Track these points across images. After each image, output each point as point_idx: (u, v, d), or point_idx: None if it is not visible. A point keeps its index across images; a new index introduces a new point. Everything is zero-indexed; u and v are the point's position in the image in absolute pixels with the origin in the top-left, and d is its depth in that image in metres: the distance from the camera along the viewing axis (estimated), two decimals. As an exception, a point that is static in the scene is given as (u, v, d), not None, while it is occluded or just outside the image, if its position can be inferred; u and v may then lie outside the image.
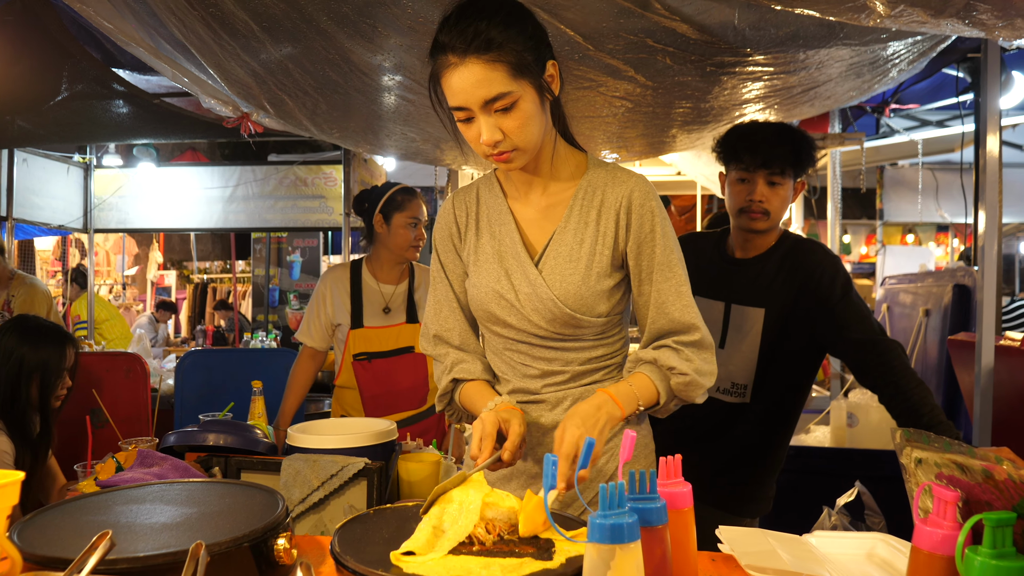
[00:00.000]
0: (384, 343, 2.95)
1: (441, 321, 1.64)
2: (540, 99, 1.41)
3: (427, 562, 1.07)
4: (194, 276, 12.05)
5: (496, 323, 1.55)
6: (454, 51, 1.33)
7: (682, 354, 1.48)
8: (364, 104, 2.99)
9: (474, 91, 1.34)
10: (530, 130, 1.39)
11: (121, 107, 3.90)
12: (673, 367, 1.47)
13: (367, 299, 2.98)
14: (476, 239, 1.60)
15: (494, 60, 1.32)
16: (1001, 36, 1.74)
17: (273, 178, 6.03)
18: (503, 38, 1.32)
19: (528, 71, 1.36)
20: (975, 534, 0.87)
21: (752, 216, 2.10)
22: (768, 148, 2.07)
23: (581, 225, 1.52)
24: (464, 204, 1.63)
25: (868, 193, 9.84)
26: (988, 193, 2.52)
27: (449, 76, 1.35)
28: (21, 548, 1.02)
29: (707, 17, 2.07)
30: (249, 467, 1.82)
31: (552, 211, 1.55)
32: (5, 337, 2.55)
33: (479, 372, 1.60)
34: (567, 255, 1.50)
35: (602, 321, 1.53)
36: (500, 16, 1.35)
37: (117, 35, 2.15)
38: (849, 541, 1.32)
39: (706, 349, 1.51)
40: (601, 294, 1.50)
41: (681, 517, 1.10)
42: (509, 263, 1.53)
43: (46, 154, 5.71)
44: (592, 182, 1.54)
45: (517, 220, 1.57)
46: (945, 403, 3.40)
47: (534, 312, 1.50)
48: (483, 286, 1.55)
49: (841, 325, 2.05)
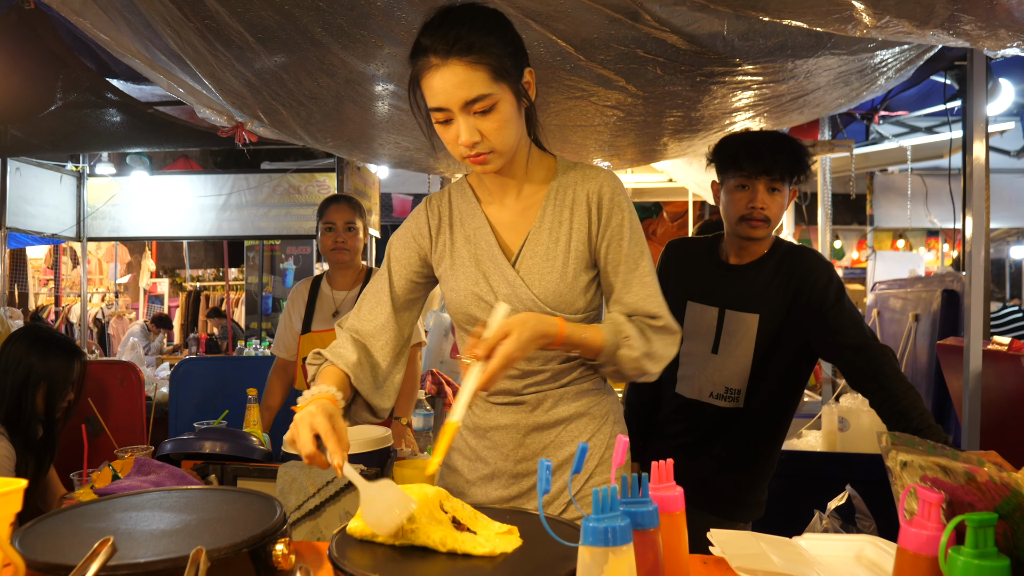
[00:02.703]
0: (328, 346, 3.01)
1: (363, 313, 1.61)
2: (518, 103, 1.44)
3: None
4: (187, 284, 12.04)
5: (475, 324, 1.55)
6: (436, 53, 1.36)
7: (643, 332, 1.49)
8: (357, 113, 3.01)
9: (455, 92, 1.36)
10: (507, 133, 1.42)
11: (114, 116, 3.91)
12: (628, 336, 1.47)
13: (319, 305, 3.11)
14: (451, 243, 1.61)
15: (476, 62, 1.35)
16: (985, 46, 1.77)
17: (266, 186, 6.04)
18: (484, 42, 1.36)
19: (507, 75, 1.39)
20: (958, 535, 0.89)
21: (753, 224, 2.11)
22: (770, 155, 2.08)
23: (555, 224, 1.54)
24: (437, 209, 1.65)
25: (858, 199, 9.91)
26: (975, 199, 2.55)
27: (430, 77, 1.37)
28: (23, 555, 1.03)
29: (697, 28, 2.10)
30: (245, 474, 1.83)
31: (526, 213, 1.58)
32: (15, 345, 2.57)
33: (345, 363, 1.51)
34: (544, 254, 1.53)
35: (579, 318, 1.55)
36: (481, 22, 1.38)
37: (113, 47, 2.17)
38: (838, 543, 1.34)
39: (669, 334, 1.52)
40: (579, 290, 1.53)
41: (673, 520, 1.12)
42: (486, 265, 1.56)
43: (39, 163, 5.71)
44: (563, 182, 1.57)
45: (492, 223, 1.59)
46: (935, 407, 3.42)
47: (513, 312, 1.50)
48: (461, 289, 1.57)
49: (834, 330, 2.07)
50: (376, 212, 6.23)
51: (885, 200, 9.85)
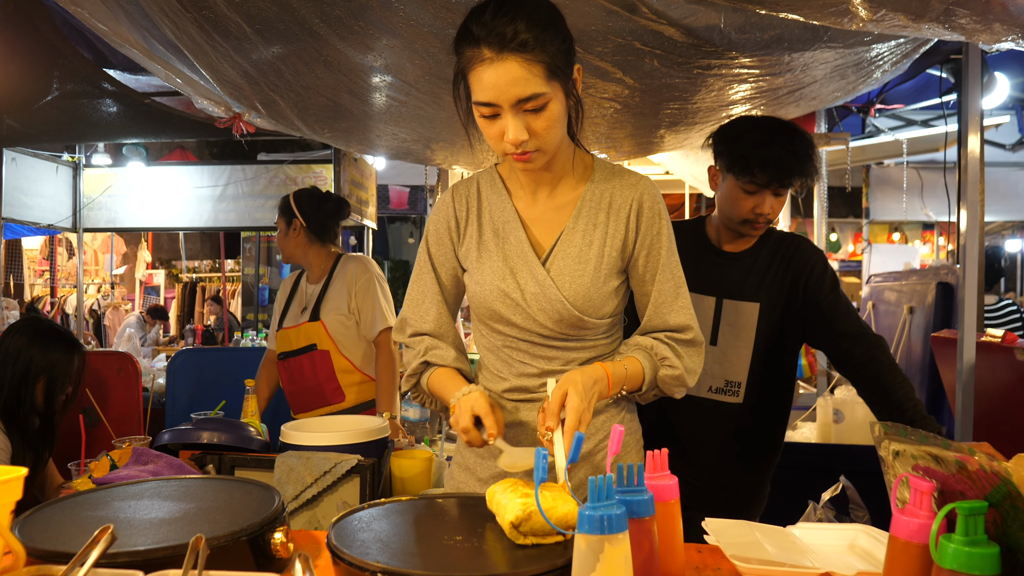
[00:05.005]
0: (293, 342, 3.06)
1: (421, 313, 1.62)
2: (567, 102, 1.40)
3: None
4: (183, 275, 12.03)
5: (499, 321, 1.55)
6: (490, 46, 1.30)
7: (674, 349, 1.52)
8: (355, 104, 3.01)
9: (509, 89, 1.31)
10: (555, 132, 1.39)
11: (111, 106, 3.90)
12: (665, 358, 1.50)
13: (295, 300, 3.16)
14: (478, 235, 1.58)
15: (533, 60, 1.30)
16: (980, 40, 1.78)
17: (263, 177, 6.02)
18: (543, 39, 1.30)
19: (561, 74, 1.35)
20: (949, 523, 0.90)
21: (756, 227, 2.07)
22: (783, 165, 2.00)
23: (590, 227, 1.52)
24: (464, 199, 1.61)
25: (854, 192, 9.92)
26: (970, 192, 2.56)
27: (482, 70, 1.32)
28: (23, 543, 1.04)
29: (693, 20, 2.10)
30: (243, 464, 1.84)
31: (559, 211, 1.55)
32: (15, 336, 2.56)
33: (451, 359, 1.59)
34: (576, 256, 1.51)
35: (606, 322, 1.55)
36: (539, 16, 1.33)
37: (111, 36, 2.17)
38: (831, 532, 1.36)
39: (696, 347, 1.55)
40: (608, 295, 1.52)
41: (668, 509, 1.13)
42: (515, 262, 1.53)
43: (35, 153, 5.69)
44: (599, 184, 1.55)
45: (522, 219, 1.56)
46: (929, 399, 3.44)
47: (541, 312, 1.50)
48: (487, 283, 1.53)
49: (830, 317, 2.06)
50: (372, 204, 6.23)
51: (881, 193, 9.87)
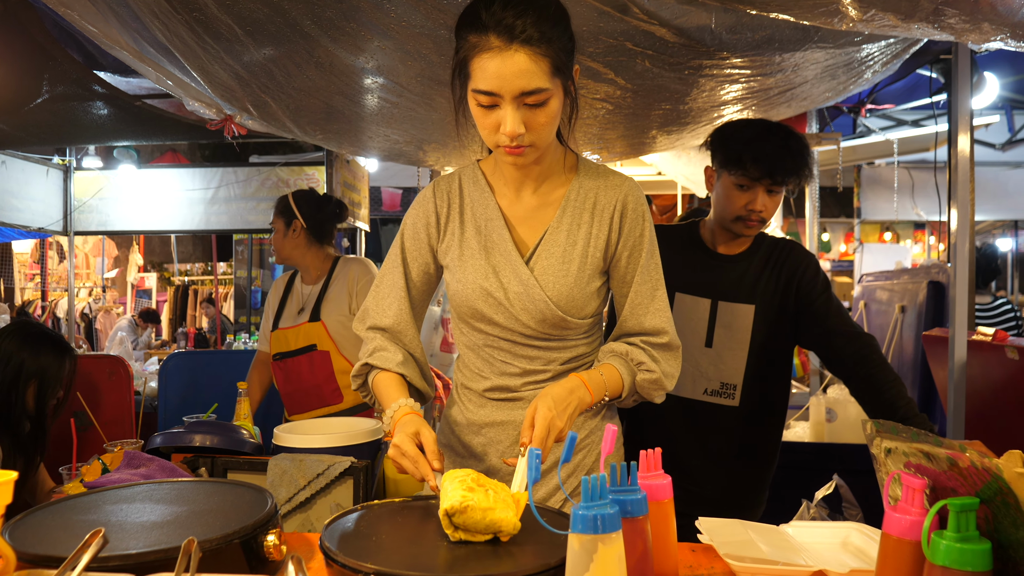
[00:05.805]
0: (291, 342, 3.06)
1: (383, 307, 1.59)
2: (564, 100, 1.40)
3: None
4: (175, 278, 11.98)
5: (480, 320, 1.54)
6: (499, 35, 1.28)
7: (650, 354, 1.51)
8: (347, 106, 3.01)
9: (513, 80, 1.30)
10: (550, 129, 1.39)
11: (102, 109, 3.88)
12: (642, 363, 1.50)
13: (290, 301, 3.16)
14: (460, 232, 1.56)
15: (541, 54, 1.29)
16: (969, 40, 1.79)
17: (255, 179, 6.00)
18: (552, 34, 1.30)
19: (564, 71, 1.34)
20: (941, 519, 0.90)
21: (749, 224, 2.08)
22: (776, 160, 2.02)
23: (574, 226, 1.52)
24: (446, 195, 1.59)
25: (846, 192, 9.95)
26: (960, 191, 2.57)
27: (487, 59, 1.29)
28: (13, 547, 1.03)
29: (685, 21, 2.10)
30: (235, 467, 1.83)
31: (543, 210, 1.54)
32: (6, 341, 2.54)
33: (394, 364, 1.54)
34: (560, 256, 1.50)
35: (587, 323, 1.54)
36: (550, 11, 1.32)
37: (101, 38, 2.16)
38: (825, 530, 1.36)
39: (672, 351, 1.54)
40: (590, 295, 1.52)
41: (661, 508, 1.13)
42: (497, 260, 1.52)
43: (25, 156, 5.66)
44: (584, 183, 1.54)
45: (506, 217, 1.54)
46: (920, 397, 3.45)
47: (523, 312, 1.49)
48: (469, 282, 1.52)
49: (822, 318, 2.09)
50: (365, 206, 6.22)
51: (872, 193, 9.89)
